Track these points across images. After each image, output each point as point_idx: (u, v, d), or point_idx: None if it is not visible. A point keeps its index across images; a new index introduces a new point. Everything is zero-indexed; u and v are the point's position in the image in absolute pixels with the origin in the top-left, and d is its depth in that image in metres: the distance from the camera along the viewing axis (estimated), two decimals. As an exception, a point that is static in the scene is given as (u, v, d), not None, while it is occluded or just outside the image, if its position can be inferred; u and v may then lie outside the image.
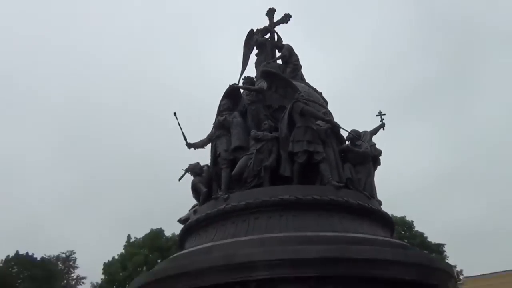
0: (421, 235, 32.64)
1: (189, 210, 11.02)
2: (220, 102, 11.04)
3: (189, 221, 10.12)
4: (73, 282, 42.11)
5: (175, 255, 9.78)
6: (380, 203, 10.15)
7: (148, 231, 37.14)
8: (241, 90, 11.32)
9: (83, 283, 45.62)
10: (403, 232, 32.35)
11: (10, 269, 38.36)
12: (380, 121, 11.65)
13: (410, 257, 8.10)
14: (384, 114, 11.68)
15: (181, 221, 10.98)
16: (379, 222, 9.48)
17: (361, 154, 10.11)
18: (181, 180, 11.12)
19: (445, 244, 33.36)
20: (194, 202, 11.04)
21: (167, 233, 37.14)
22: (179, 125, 11.02)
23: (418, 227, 34.02)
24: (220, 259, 7.70)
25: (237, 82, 11.60)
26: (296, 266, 7.41)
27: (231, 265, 7.54)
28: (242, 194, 9.32)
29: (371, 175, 10.19)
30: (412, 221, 33.91)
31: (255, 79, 11.57)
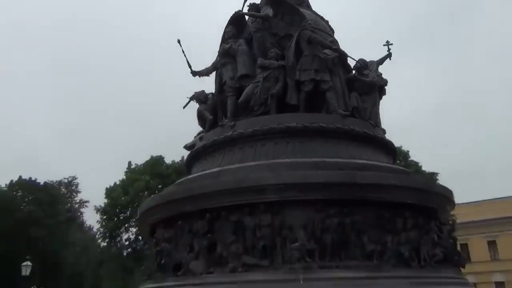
0: (416, 164, 33.52)
1: (194, 137, 11.20)
2: (225, 30, 10.82)
3: (196, 147, 10.33)
4: (77, 205, 43.64)
5: (182, 179, 10.10)
6: (384, 131, 10.36)
7: (148, 158, 37.86)
8: (246, 17, 11.04)
9: (86, 206, 47.29)
10: (398, 162, 33.13)
11: (14, 193, 39.43)
12: (387, 51, 11.51)
13: (412, 182, 8.45)
14: (391, 44, 11.50)
15: (187, 147, 11.20)
16: (382, 150, 9.76)
17: (367, 84, 10.14)
18: (185, 108, 11.22)
19: (438, 173, 34.36)
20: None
21: (167, 160, 37.90)
22: (183, 52, 10.87)
23: (413, 157, 34.88)
24: (230, 182, 8.01)
25: (241, 9, 11.27)
26: (304, 190, 7.75)
27: (241, 188, 7.86)
28: (249, 122, 9.46)
29: (376, 105, 10.29)
30: (408, 151, 34.68)
31: (260, 6, 11.25)
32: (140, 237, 36.41)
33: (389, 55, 11.49)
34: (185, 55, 10.86)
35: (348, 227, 7.65)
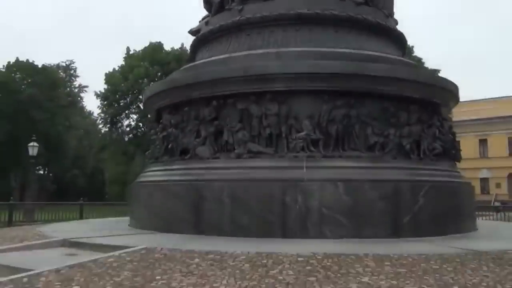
0: (419, 60, 33.03)
1: (200, 22, 10.78)
2: None
3: (202, 32, 9.98)
4: (76, 90, 43.74)
5: (188, 65, 9.91)
6: (396, 22, 9.96)
7: (147, 44, 36.98)
8: None
9: (85, 91, 47.45)
10: (402, 57, 32.59)
11: (12, 74, 39.13)
12: None
13: (422, 77, 8.34)
14: None
15: (192, 32, 10.82)
16: (393, 42, 9.47)
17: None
18: None
19: (440, 70, 34.07)
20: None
21: (166, 47, 37.07)
22: None
23: (417, 52, 34.23)
24: (238, 70, 7.88)
25: None
26: (312, 80, 7.66)
27: (248, 76, 7.76)
28: (258, 6, 9.01)
29: (392, -8, 9.73)
30: (413, 46, 33.93)
31: None
32: (140, 124, 37.20)
33: None
34: None
35: (353, 119, 7.72)
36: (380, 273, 4.50)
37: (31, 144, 25.10)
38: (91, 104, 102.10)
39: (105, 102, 36.13)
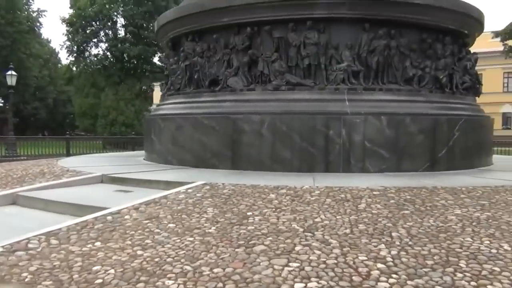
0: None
1: None
2: None
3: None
4: (34, 14, 40.24)
5: None
6: None
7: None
8: None
9: (44, 16, 43.84)
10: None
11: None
12: None
13: (457, 5, 8.01)
14: None
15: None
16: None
17: None
18: None
19: None
20: None
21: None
22: None
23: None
24: (278, -6, 7.31)
25: None
26: (354, 7, 7.25)
27: (289, 0, 7.23)
28: None
29: None
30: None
31: None
32: (109, 54, 35.17)
33: None
34: None
35: (393, 50, 7.48)
36: (466, 205, 4.53)
37: (9, 72, 22.96)
38: (49, 31, 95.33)
39: (71, 29, 33.58)
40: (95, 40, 34.81)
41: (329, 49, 7.35)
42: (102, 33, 34.81)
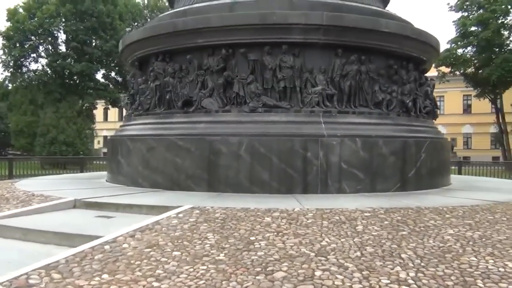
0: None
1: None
2: None
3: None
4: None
5: (182, 8, 8.80)
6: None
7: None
8: None
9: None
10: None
11: None
12: None
13: (419, 34, 8.43)
14: None
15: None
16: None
17: None
18: None
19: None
20: None
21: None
22: None
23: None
24: (254, 17, 7.36)
25: None
26: (328, 33, 7.46)
27: (266, 25, 7.31)
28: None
29: None
30: None
31: None
32: (49, 69, 33.56)
33: None
34: None
35: (363, 75, 7.77)
36: (455, 225, 4.72)
37: None
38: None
39: (7, 43, 31.69)
40: (34, 55, 33.07)
41: (304, 72, 7.49)
42: (42, 48, 33.19)
